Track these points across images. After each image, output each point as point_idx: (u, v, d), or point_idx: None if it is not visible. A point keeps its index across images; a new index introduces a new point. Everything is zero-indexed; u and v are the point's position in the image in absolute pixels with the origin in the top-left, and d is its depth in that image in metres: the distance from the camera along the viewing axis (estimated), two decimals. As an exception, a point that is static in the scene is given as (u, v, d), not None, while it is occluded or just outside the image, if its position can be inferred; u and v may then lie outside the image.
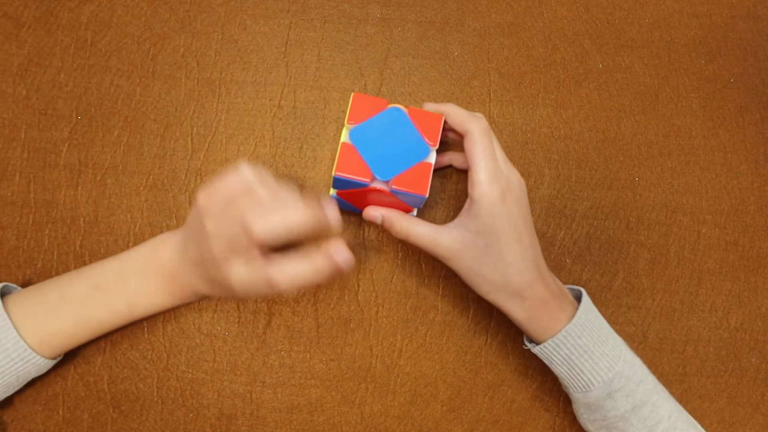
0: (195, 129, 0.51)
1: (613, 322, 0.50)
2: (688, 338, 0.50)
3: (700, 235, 0.52)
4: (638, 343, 0.50)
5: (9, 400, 0.46)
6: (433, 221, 0.51)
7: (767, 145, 0.54)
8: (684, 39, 0.56)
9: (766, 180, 0.54)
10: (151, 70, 0.52)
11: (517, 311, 0.42)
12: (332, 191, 0.47)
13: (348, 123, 0.44)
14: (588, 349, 0.41)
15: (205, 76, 0.52)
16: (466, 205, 0.43)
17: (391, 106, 0.44)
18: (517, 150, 0.53)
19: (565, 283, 0.51)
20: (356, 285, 0.49)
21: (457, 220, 0.43)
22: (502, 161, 0.43)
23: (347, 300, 0.49)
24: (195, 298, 0.46)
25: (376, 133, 0.44)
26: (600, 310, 0.50)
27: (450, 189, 0.52)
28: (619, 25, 0.56)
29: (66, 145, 0.50)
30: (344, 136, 0.44)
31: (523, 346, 0.45)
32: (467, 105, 0.53)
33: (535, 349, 0.43)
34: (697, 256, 0.52)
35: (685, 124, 0.54)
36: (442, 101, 0.53)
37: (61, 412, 0.46)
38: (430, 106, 0.45)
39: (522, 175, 0.52)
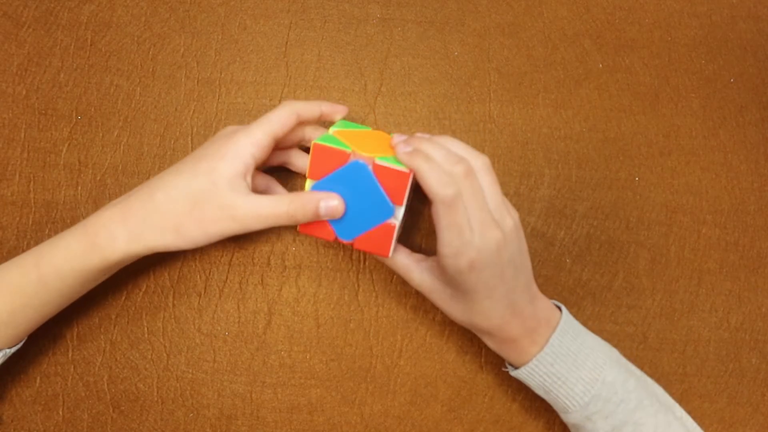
0: (195, 129, 0.51)
1: (613, 322, 0.50)
2: (688, 338, 0.50)
3: (700, 235, 0.52)
4: (638, 343, 0.50)
5: (9, 400, 0.46)
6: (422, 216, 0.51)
7: (767, 145, 0.54)
8: (684, 39, 0.56)
9: (766, 180, 0.54)
10: (151, 70, 0.52)
11: (488, 343, 0.43)
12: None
13: (309, 177, 0.41)
14: (561, 375, 0.41)
15: (205, 76, 0.52)
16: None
17: (353, 159, 0.40)
18: (517, 150, 0.53)
19: (564, 283, 0.51)
20: (356, 285, 0.49)
21: (430, 263, 0.43)
22: (494, 207, 0.39)
23: (347, 300, 0.49)
24: (114, 239, 0.40)
25: (338, 190, 0.41)
26: (600, 310, 0.50)
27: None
28: (619, 25, 0.56)
29: (66, 145, 0.50)
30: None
31: (503, 369, 0.46)
32: (467, 105, 0.53)
33: (512, 373, 0.43)
34: (697, 256, 0.52)
35: (685, 124, 0.54)
36: (442, 102, 0.53)
37: (61, 412, 0.46)
38: (400, 150, 0.40)
39: (522, 175, 0.52)
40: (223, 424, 0.47)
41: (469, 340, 0.49)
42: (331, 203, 0.40)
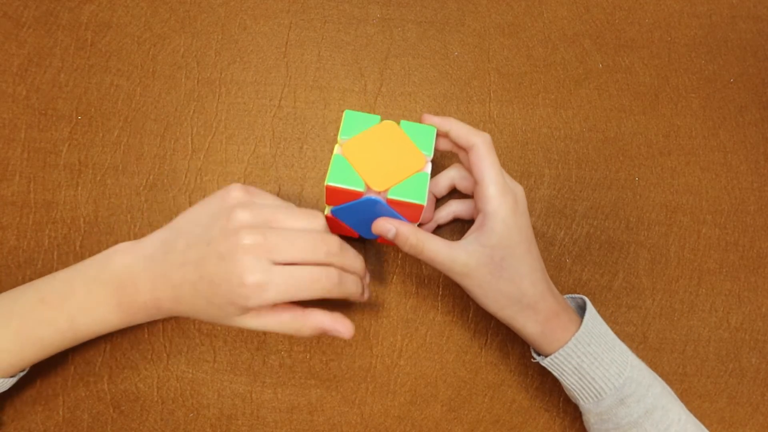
0: (195, 129, 0.51)
1: (613, 322, 0.50)
2: (688, 338, 0.50)
3: (700, 235, 0.52)
4: (638, 343, 0.50)
5: (9, 400, 0.46)
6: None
7: (767, 145, 0.54)
8: (684, 39, 0.56)
9: (766, 180, 0.54)
10: (151, 70, 0.52)
11: (530, 325, 0.42)
12: (327, 209, 0.45)
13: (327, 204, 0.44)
14: (597, 356, 0.41)
15: (205, 76, 0.52)
16: (477, 221, 0.42)
17: (366, 195, 0.41)
18: (517, 150, 0.53)
19: (564, 283, 0.51)
20: (356, 285, 0.50)
21: (470, 237, 0.42)
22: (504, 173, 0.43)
23: (347, 300, 0.49)
24: (150, 317, 0.40)
25: (355, 214, 0.43)
26: (600, 310, 0.50)
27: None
28: (619, 25, 0.56)
29: (66, 145, 0.50)
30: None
31: (532, 359, 0.45)
32: (467, 105, 0.53)
33: (545, 362, 0.43)
34: (697, 256, 0.52)
35: (685, 124, 0.54)
36: (442, 102, 0.53)
37: (61, 412, 0.46)
38: (431, 119, 0.44)
39: (522, 175, 0.52)
40: (223, 424, 0.47)
41: (469, 340, 0.49)
42: (337, 328, 0.41)
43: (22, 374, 0.42)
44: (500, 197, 0.40)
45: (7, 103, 0.50)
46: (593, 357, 0.41)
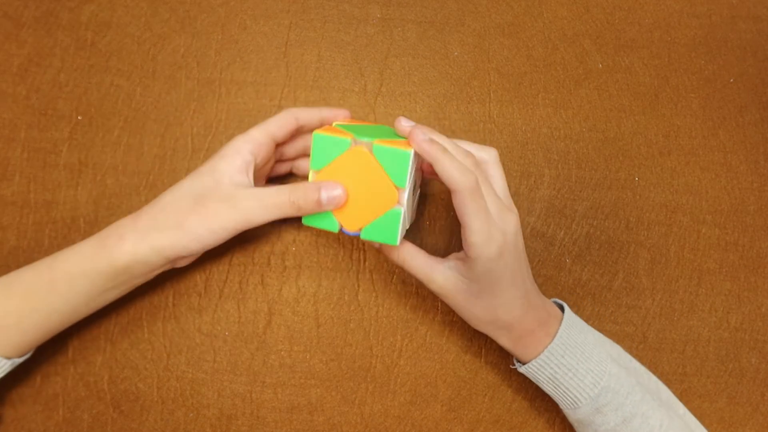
0: (195, 129, 0.51)
1: (613, 322, 0.50)
2: (688, 338, 0.50)
3: (700, 235, 0.52)
4: (638, 343, 0.50)
5: (9, 400, 0.46)
6: (433, 221, 0.51)
7: (767, 145, 0.54)
8: (684, 39, 0.56)
9: (766, 180, 0.54)
10: (151, 70, 0.52)
11: (504, 340, 0.43)
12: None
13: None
14: (572, 367, 0.41)
15: (205, 76, 0.52)
16: (462, 254, 0.42)
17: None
18: (517, 150, 0.53)
19: (564, 283, 0.51)
20: (356, 285, 0.50)
21: (453, 262, 0.42)
22: (504, 196, 0.42)
23: (347, 300, 0.49)
24: (123, 244, 0.40)
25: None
26: (600, 310, 0.50)
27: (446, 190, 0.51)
28: (619, 25, 0.56)
29: (66, 145, 0.50)
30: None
31: (511, 366, 0.45)
32: (467, 105, 0.53)
33: (521, 369, 0.43)
34: (697, 256, 0.52)
35: (685, 124, 0.54)
36: (441, 102, 0.53)
37: (61, 412, 0.46)
38: (418, 144, 0.38)
39: (522, 175, 0.52)
40: (223, 424, 0.47)
41: (469, 340, 0.49)
42: (333, 192, 0.39)
43: (22, 359, 0.41)
44: (483, 246, 0.39)
45: (7, 103, 0.50)
46: (567, 368, 0.41)
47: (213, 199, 0.40)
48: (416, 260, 0.42)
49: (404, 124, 0.40)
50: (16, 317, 0.40)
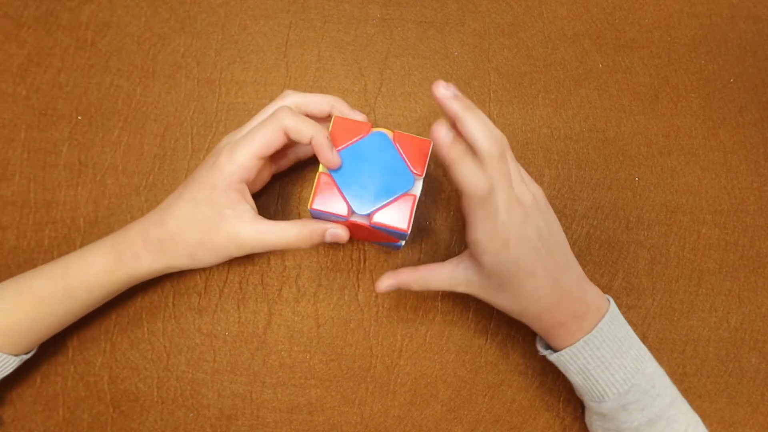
0: (195, 129, 0.51)
1: (613, 322, 0.50)
2: (688, 338, 0.50)
3: (700, 235, 0.52)
4: (638, 343, 0.50)
5: (9, 400, 0.46)
6: (433, 221, 0.51)
7: (767, 145, 0.54)
8: (684, 39, 0.56)
9: (766, 180, 0.54)
10: (151, 70, 0.52)
11: (535, 327, 0.43)
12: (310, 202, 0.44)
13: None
14: (605, 360, 0.41)
15: (205, 76, 0.52)
16: (469, 251, 0.41)
17: (375, 130, 0.41)
18: (517, 150, 0.53)
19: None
20: (356, 285, 0.50)
21: (467, 261, 0.42)
22: (516, 180, 0.40)
23: (347, 300, 0.49)
24: (136, 258, 0.42)
25: (357, 161, 0.41)
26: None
27: (449, 188, 0.52)
28: (619, 25, 0.56)
29: (66, 145, 0.50)
30: (322, 166, 0.41)
31: (538, 353, 0.45)
32: (467, 105, 0.53)
33: (551, 357, 0.43)
34: (697, 256, 0.52)
35: (685, 124, 0.54)
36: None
37: (61, 412, 0.46)
38: (440, 138, 0.36)
39: (522, 175, 0.52)
40: (223, 424, 0.47)
41: (469, 340, 0.49)
42: (336, 231, 0.42)
43: (29, 355, 0.43)
44: (485, 243, 0.38)
45: (7, 103, 0.50)
46: (600, 360, 0.41)
47: (220, 234, 0.41)
48: (436, 279, 0.42)
49: (441, 90, 0.37)
50: (29, 322, 0.41)
